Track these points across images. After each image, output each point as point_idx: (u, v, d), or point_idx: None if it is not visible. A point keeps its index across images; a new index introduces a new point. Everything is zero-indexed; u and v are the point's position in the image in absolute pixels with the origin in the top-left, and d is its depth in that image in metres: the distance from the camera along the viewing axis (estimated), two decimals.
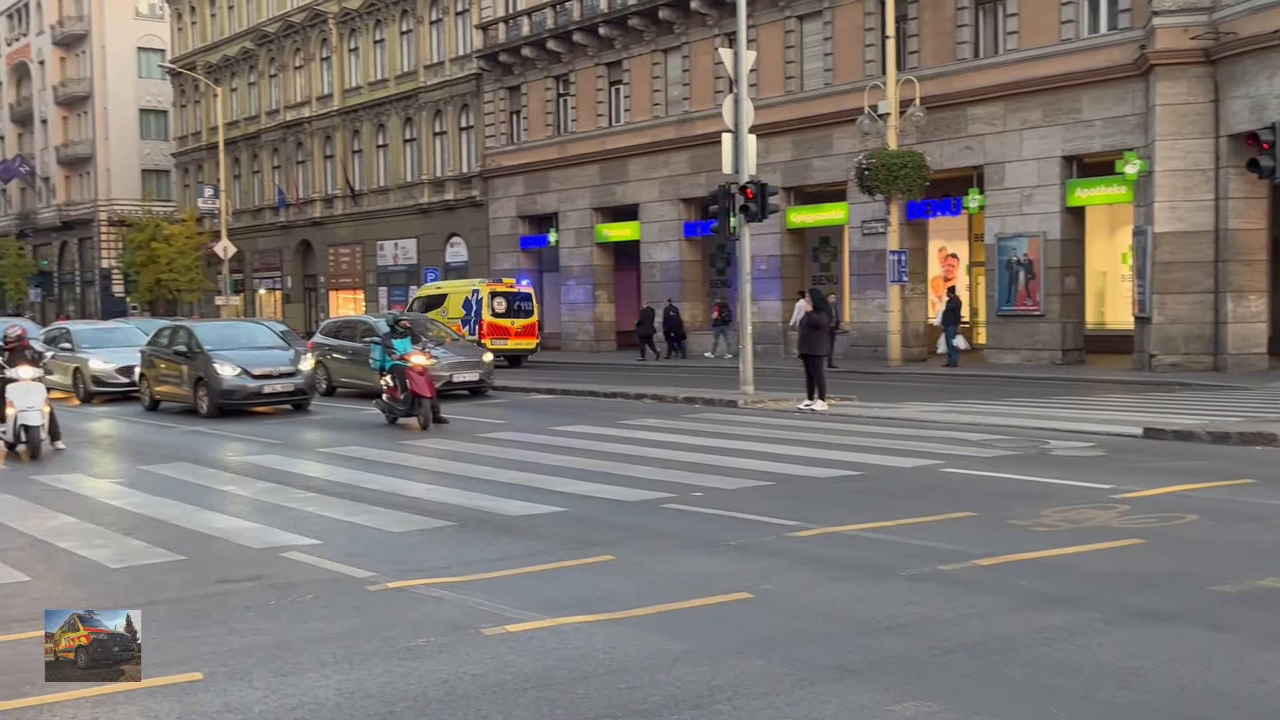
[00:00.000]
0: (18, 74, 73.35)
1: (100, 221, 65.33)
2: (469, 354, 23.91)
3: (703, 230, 34.06)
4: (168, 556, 9.13)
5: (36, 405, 15.33)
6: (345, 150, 48.35)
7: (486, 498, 11.31)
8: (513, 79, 40.31)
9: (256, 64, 53.41)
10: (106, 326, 29.20)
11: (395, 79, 45.23)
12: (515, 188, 40.70)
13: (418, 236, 44.89)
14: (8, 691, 6.00)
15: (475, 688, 5.82)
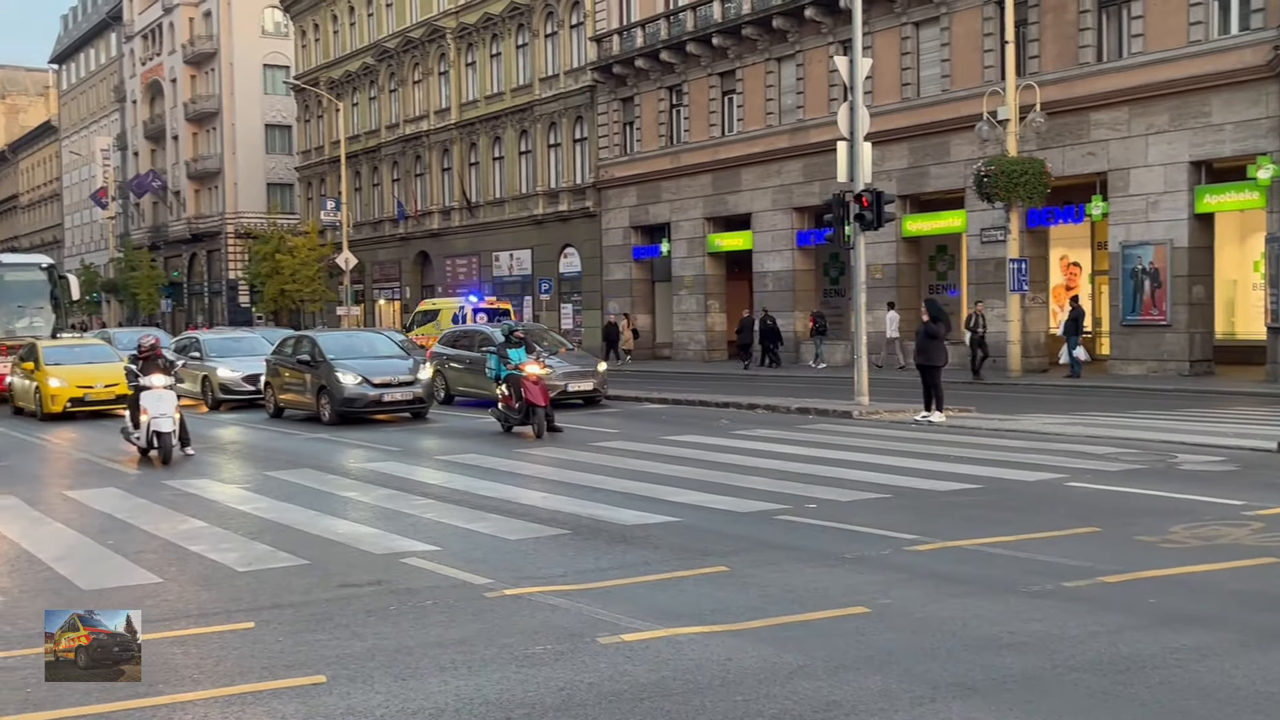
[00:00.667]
0: (151, 92, 76.15)
1: (227, 234, 67.43)
2: (583, 364, 24.08)
3: (816, 239, 33.84)
4: (292, 561, 9.36)
5: (168, 412, 15.87)
6: (462, 163, 49.16)
7: (600, 506, 11.37)
8: (626, 90, 40.56)
9: (377, 79, 54.63)
10: (233, 336, 30.07)
11: (511, 92, 45.85)
12: (628, 198, 40.91)
13: (532, 247, 45.40)
14: (142, 690, 6.20)
15: (591, 696, 5.85)
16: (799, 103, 34.57)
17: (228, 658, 6.79)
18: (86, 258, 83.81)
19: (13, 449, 18.57)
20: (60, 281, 30.50)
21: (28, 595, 8.50)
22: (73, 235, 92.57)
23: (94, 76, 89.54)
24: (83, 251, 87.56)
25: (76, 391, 23.26)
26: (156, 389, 15.96)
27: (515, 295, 46.35)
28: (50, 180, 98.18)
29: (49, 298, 29.87)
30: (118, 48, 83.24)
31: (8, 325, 28.93)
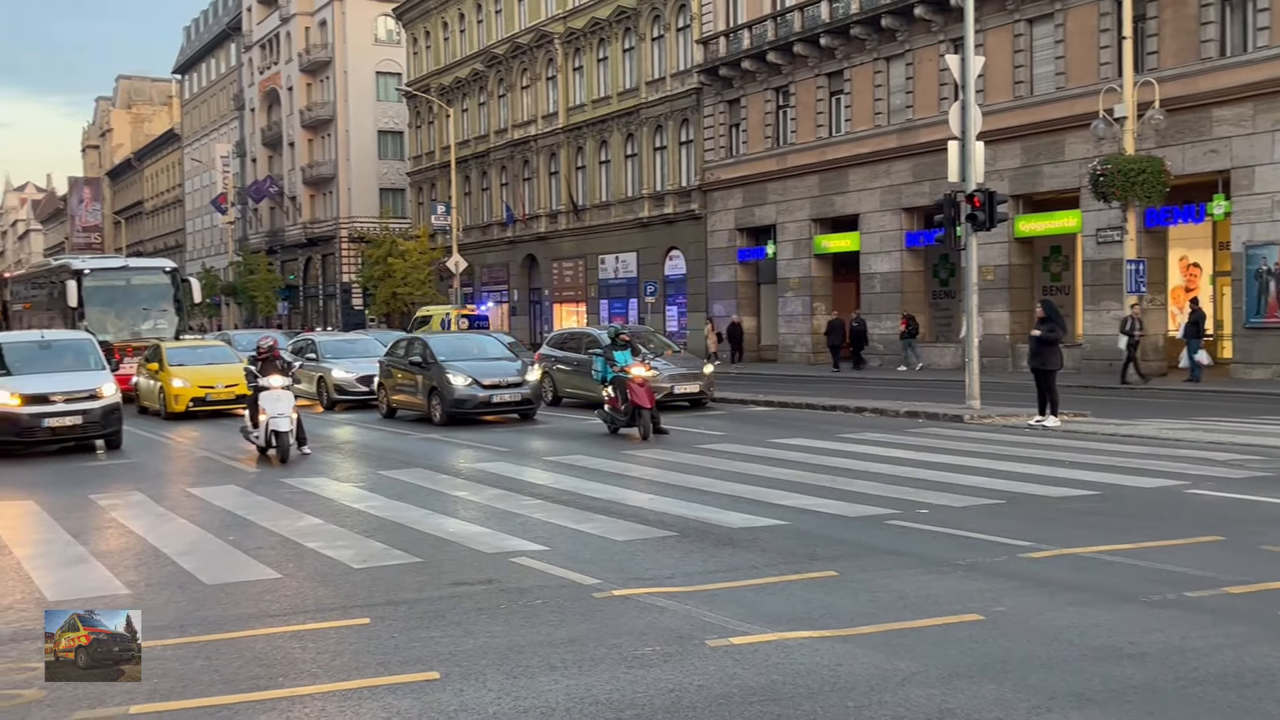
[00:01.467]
0: (268, 100, 78.23)
1: (341, 238, 68.91)
2: (690, 366, 24.07)
3: (926, 240, 33.39)
4: (406, 558, 9.53)
5: (286, 412, 16.28)
6: (569, 166, 49.56)
7: (707, 509, 11.36)
8: (732, 92, 40.48)
9: (486, 85, 55.36)
10: (348, 338, 30.73)
11: (618, 95, 46.09)
12: (733, 200, 40.82)
13: (638, 250, 45.56)
14: (264, 682, 6.39)
15: (700, 699, 5.85)
16: (908, 102, 34.14)
17: (344, 652, 6.95)
18: (207, 261, 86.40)
19: (139, 447, 19.22)
20: (183, 285, 31.47)
21: (154, 589, 8.80)
22: (194, 240, 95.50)
23: (214, 86, 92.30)
24: (203, 256, 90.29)
25: (198, 392, 24.00)
26: (275, 389, 16.39)
27: (621, 298, 46.60)
28: (173, 186, 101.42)
29: (172, 301, 30.85)
30: (237, 57, 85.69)
31: (133, 327, 29.96)
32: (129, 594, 8.62)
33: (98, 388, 18.35)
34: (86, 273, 30.00)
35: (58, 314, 30.58)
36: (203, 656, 6.92)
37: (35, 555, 10.28)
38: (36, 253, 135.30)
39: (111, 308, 29.93)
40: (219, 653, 6.99)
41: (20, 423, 17.67)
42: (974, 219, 19.50)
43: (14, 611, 8.24)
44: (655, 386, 21.60)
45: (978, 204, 19.42)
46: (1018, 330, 31.06)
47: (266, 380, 16.56)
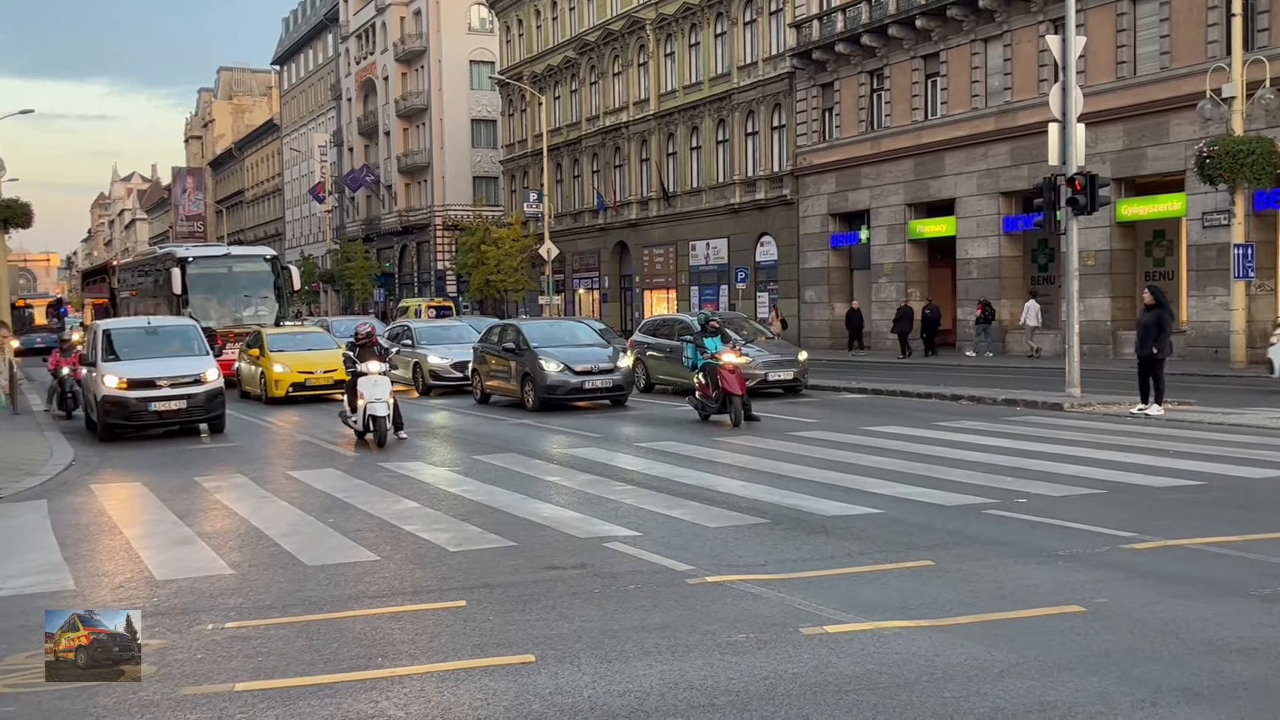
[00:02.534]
0: (365, 90, 79.41)
1: (436, 226, 69.76)
2: (784, 353, 23.87)
3: (1024, 224, 32.74)
4: (500, 542, 9.63)
5: (383, 397, 16.54)
6: (660, 153, 49.53)
7: (800, 496, 11.29)
8: (825, 76, 40.08)
9: (578, 72, 55.55)
10: (442, 325, 31.06)
11: (709, 81, 45.92)
12: (826, 185, 40.45)
13: (728, 236, 45.39)
14: (363, 662, 6.51)
15: (795, 687, 5.82)
16: (1006, 84, 33.47)
17: (441, 634, 7.04)
18: (305, 249, 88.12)
19: (241, 430, 19.68)
20: (283, 272, 32.11)
21: (257, 569, 9.01)
22: (293, 228, 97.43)
23: (312, 76, 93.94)
24: (302, 244, 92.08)
25: (298, 377, 24.49)
26: (372, 375, 16.67)
27: (711, 285, 46.48)
28: (273, 176, 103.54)
29: (273, 287, 31.50)
30: (334, 48, 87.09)
31: (235, 314, 30.66)
32: (233, 574, 8.84)
33: (202, 373, 18.78)
34: (190, 261, 30.76)
35: (163, 301, 31.40)
36: (304, 636, 7.07)
37: (144, 535, 10.59)
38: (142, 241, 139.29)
39: (214, 295, 30.66)
40: (320, 632, 7.13)
41: (128, 406, 18.16)
42: (1075, 203, 19.07)
43: (125, 590, 8.50)
44: (749, 373, 21.54)
45: (1079, 187, 18.99)
46: (1119, 317, 30.35)
47: (364, 366, 16.84)
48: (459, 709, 5.67)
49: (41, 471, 14.67)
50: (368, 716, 5.61)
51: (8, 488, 13.21)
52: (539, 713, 5.58)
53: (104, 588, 8.59)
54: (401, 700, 5.82)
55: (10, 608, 8.03)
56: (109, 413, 18.26)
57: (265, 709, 5.74)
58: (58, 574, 9.04)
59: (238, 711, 5.72)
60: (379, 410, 16.44)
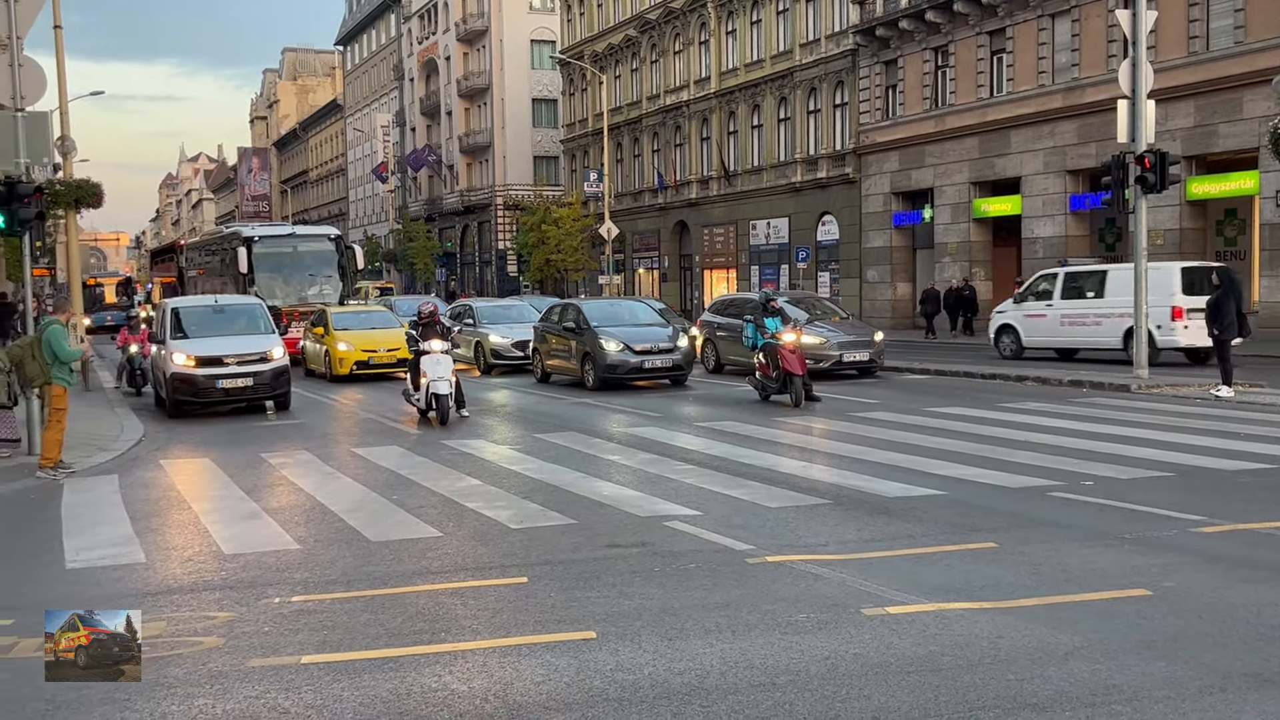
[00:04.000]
0: (427, 70, 79.83)
1: (497, 205, 70.06)
2: (859, 333, 23.32)
3: (1092, 203, 32.20)
4: (561, 520, 9.69)
5: (445, 375, 16.66)
6: (721, 132, 49.31)
7: (861, 477, 11.24)
8: (889, 53, 39.63)
9: (638, 51, 55.41)
10: (504, 304, 31.24)
11: (771, 59, 45.60)
12: (889, 163, 40.06)
13: (789, 215, 45.13)
14: (427, 636, 6.59)
15: (857, 667, 5.80)
16: (1074, 60, 32.89)
17: (503, 610, 7.10)
18: (369, 229, 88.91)
19: (306, 408, 19.94)
20: (347, 251, 32.43)
21: (322, 544, 9.14)
22: (356, 208, 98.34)
23: (375, 56, 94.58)
24: (365, 223, 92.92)
25: (361, 355, 24.77)
26: (435, 353, 16.79)
27: (772, 264, 46.27)
28: (336, 156, 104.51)
29: (337, 267, 31.84)
30: (396, 28, 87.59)
31: (300, 293, 31.03)
32: (299, 549, 8.97)
33: (268, 350, 19.04)
34: (256, 240, 31.17)
35: (229, 280, 31.87)
36: (369, 610, 7.17)
37: (212, 510, 10.78)
38: (208, 221, 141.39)
39: (279, 274, 31.04)
40: (384, 607, 7.23)
41: (196, 383, 18.48)
42: (1144, 181, 18.74)
43: (194, 563, 8.67)
44: (822, 354, 21.42)
45: (1148, 165, 18.65)
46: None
47: (427, 344, 16.98)
48: (521, 684, 5.72)
49: (113, 447, 14.98)
50: (431, 690, 5.67)
51: (80, 462, 13.51)
52: (600, 689, 5.62)
53: (174, 561, 8.76)
54: (464, 674, 5.88)
55: (84, 580, 8.22)
56: (177, 389, 18.57)
57: (331, 681, 5.83)
58: (129, 547, 9.23)
59: (304, 684, 5.82)
60: (441, 388, 16.55)
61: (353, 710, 5.45)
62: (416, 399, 17.23)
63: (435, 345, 16.95)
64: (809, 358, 21.34)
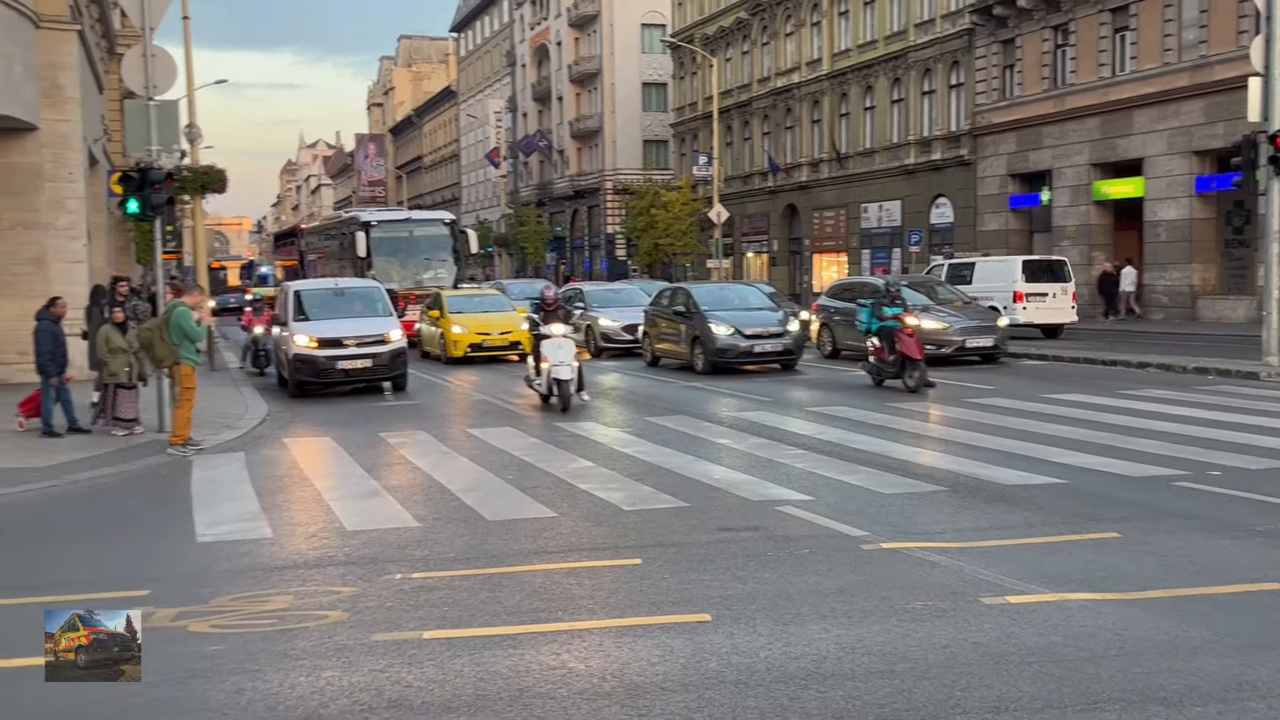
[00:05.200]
0: (538, 56, 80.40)
1: (606, 190, 70.32)
2: (983, 318, 22.62)
3: (1219, 185, 31.10)
4: (673, 503, 9.73)
5: (568, 360, 16.31)
6: (832, 114, 48.78)
7: (977, 464, 11.06)
8: (1007, 32, 38.75)
9: (749, 33, 55.06)
10: (613, 288, 31.40)
11: (884, 39, 44.94)
12: (1006, 145, 39.20)
13: (902, 198, 44.48)
14: (544, 615, 6.68)
15: (976, 656, 5.73)
16: (1202, 37, 31.77)
17: (618, 591, 7.17)
18: (480, 214, 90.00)
19: (421, 389, 20.31)
20: (460, 236, 32.90)
21: (441, 522, 9.32)
22: (468, 193, 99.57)
23: (488, 43, 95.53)
24: (477, 208, 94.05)
25: (475, 338, 25.13)
26: (556, 338, 16.54)
27: (884, 248, 45.68)
28: (450, 142, 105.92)
29: (451, 251, 32.33)
30: (509, 14, 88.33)
31: (416, 276, 31.58)
32: (419, 526, 9.16)
33: (386, 333, 19.41)
34: (374, 225, 31.80)
35: (348, 263, 32.56)
36: (487, 588, 7.29)
37: (334, 488, 11.07)
38: (326, 206, 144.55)
39: (396, 257, 31.63)
40: (502, 585, 7.35)
41: (317, 364, 18.92)
42: (1276, 162, 18.06)
43: (318, 539, 8.91)
44: (945, 340, 21.03)
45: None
46: None
47: (548, 329, 16.76)
48: (638, 664, 5.77)
49: (239, 425, 15.45)
50: (549, 668, 5.76)
51: (208, 440, 13.96)
52: (716, 671, 5.64)
53: (299, 536, 9.02)
54: (582, 654, 5.96)
55: (215, 553, 8.51)
56: (299, 370, 19.03)
57: (452, 657, 5.96)
58: (255, 523, 9.53)
59: (426, 658, 5.95)
60: (563, 374, 16.24)
61: (473, 685, 5.56)
62: (538, 384, 17.00)
63: (557, 329, 16.66)
64: (930, 343, 20.97)
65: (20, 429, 14.69)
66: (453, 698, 5.42)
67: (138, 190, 14.71)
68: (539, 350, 16.83)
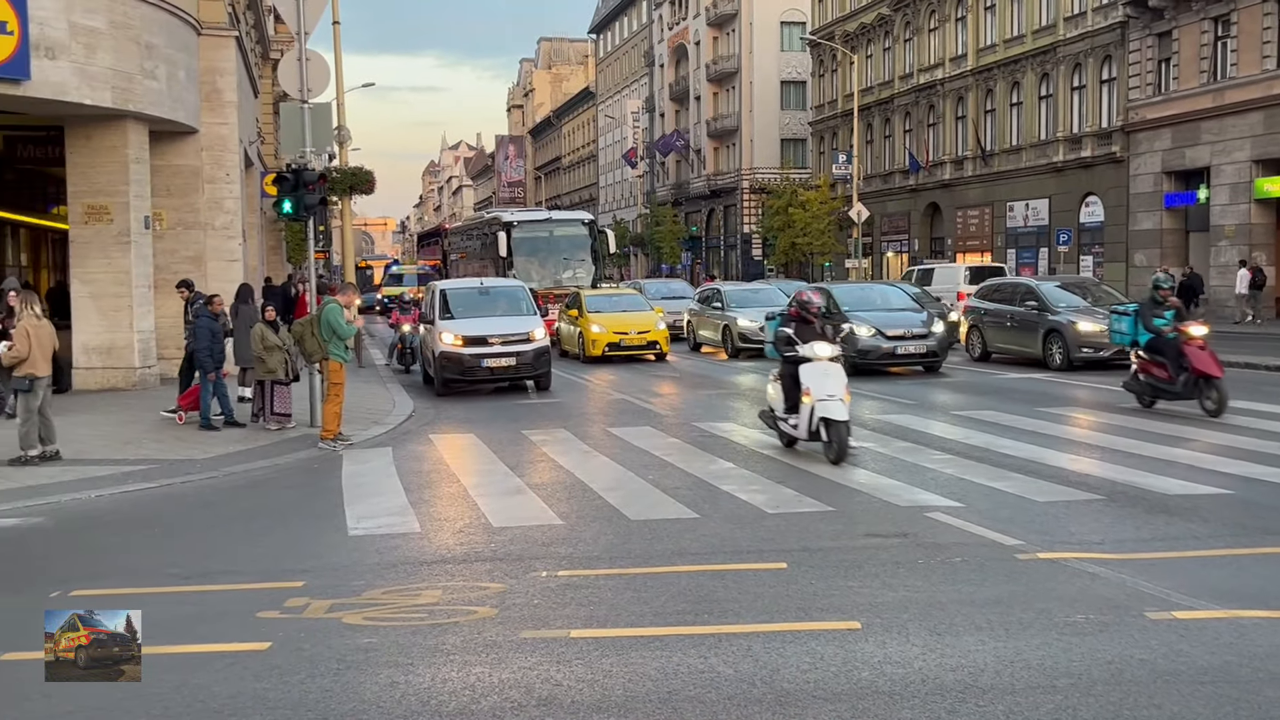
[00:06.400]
0: (677, 55, 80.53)
1: (742, 189, 70.07)
2: None
3: None
4: (817, 507, 9.58)
5: (839, 393, 11.74)
6: (977, 110, 47.69)
7: (1136, 472, 10.64)
8: (1163, 24, 37.34)
9: (891, 29, 54.21)
10: (751, 288, 31.17)
11: (1032, 34, 43.75)
12: (1160, 141, 37.78)
13: (1050, 196, 43.23)
14: (690, 617, 6.63)
15: (1143, 673, 5.49)
16: None
17: (764, 595, 7.07)
18: (617, 214, 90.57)
19: (561, 388, 20.47)
20: (600, 236, 33.10)
21: (584, 521, 9.35)
22: (605, 193, 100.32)
23: (626, 44, 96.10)
24: (614, 208, 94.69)
25: (613, 337, 25.24)
26: (822, 361, 12.08)
27: (1030, 247, 44.50)
28: (588, 142, 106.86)
29: (590, 250, 32.55)
30: (648, 15, 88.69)
31: (555, 276, 31.89)
32: (562, 524, 9.21)
33: (530, 331, 19.54)
34: (515, 224, 32.22)
35: (489, 263, 33.07)
36: (631, 588, 7.28)
37: (479, 484, 11.20)
38: (467, 207, 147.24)
39: (536, 257, 31.99)
40: (646, 585, 7.32)
41: (464, 362, 19.06)
42: None
43: (465, 534, 9.02)
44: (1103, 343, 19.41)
45: None
46: None
47: (810, 348, 12.16)
48: (788, 670, 5.67)
49: (386, 421, 15.80)
50: (697, 671, 5.70)
51: (358, 435, 14.29)
52: (869, 681, 5.51)
53: (446, 532, 9.14)
54: (730, 658, 5.88)
55: (366, 546, 8.69)
56: (445, 367, 19.18)
57: (600, 656, 5.95)
58: (404, 517, 9.70)
59: (574, 657, 5.95)
60: (836, 412, 11.58)
61: (621, 686, 5.54)
62: (793, 424, 12.26)
63: (822, 350, 12.09)
64: (1088, 346, 20.04)
65: (180, 422, 15.28)
66: (602, 698, 5.40)
67: (292, 191, 15.14)
68: (794, 377, 12.23)
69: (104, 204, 18.95)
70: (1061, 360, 20.45)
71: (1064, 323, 20.65)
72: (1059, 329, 20.67)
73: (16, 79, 16.24)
